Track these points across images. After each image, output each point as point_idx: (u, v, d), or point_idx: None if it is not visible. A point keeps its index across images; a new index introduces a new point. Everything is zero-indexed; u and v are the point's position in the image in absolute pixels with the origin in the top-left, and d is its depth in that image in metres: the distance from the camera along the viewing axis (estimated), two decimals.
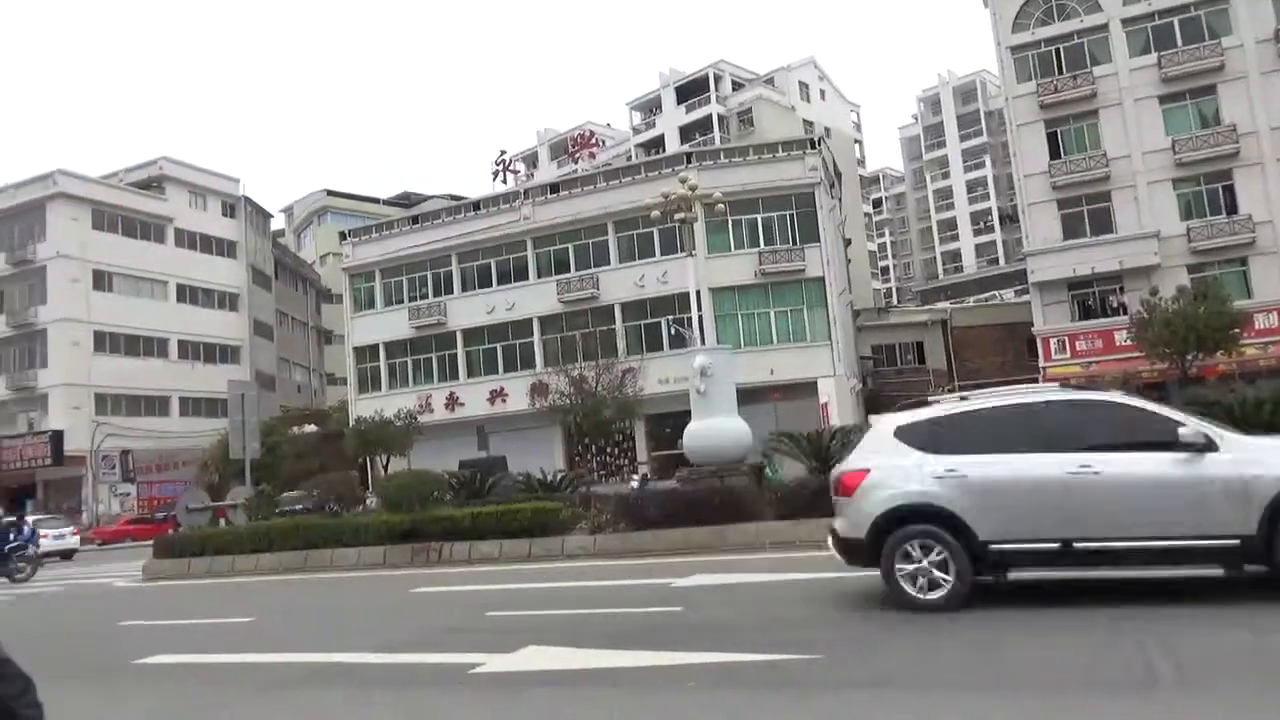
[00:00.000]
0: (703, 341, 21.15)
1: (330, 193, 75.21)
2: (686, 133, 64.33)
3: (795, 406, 32.91)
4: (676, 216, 21.62)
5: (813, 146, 38.36)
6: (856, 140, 73.83)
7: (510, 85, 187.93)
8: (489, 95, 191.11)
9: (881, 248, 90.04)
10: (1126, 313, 31.72)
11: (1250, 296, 32.41)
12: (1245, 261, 33.77)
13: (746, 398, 21.37)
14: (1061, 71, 36.80)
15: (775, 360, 35.23)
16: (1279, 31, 33.49)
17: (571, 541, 14.78)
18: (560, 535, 15.00)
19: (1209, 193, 34.79)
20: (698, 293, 23.71)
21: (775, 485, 15.43)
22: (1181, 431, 6.61)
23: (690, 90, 66.11)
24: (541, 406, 32.87)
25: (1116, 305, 35.11)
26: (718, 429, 16.83)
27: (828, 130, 58.50)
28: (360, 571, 15.69)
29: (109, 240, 49.95)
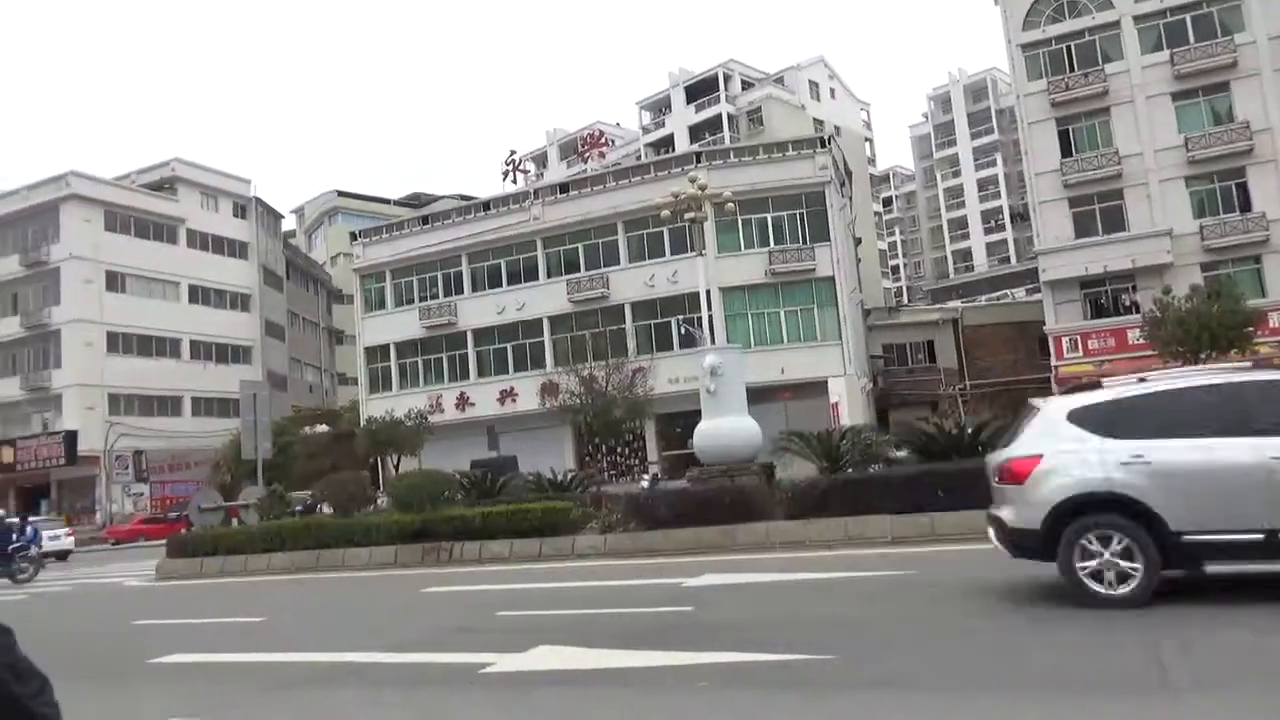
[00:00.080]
0: (713, 341, 21.12)
1: (341, 193, 75.56)
2: (696, 132, 64.23)
3: (805, 406, 32.84)
4: (686, 216, 21.62)
5: (823, 145, 38.27)
6: (867, 139, 73.58)
7: (520, 85, 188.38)
8: (499, 95, 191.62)
9: (892, 246, 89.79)
10: (1139, 311, 31.52)
11: (1264, 295, 32.15)
12: (1259, 259, 33.55)
13: (756, 397, 21.37)
14: (1073, 69, 36.59)
15: (785, 360, 35.17)
16: None
17: (582, 541, 14.77)
18: (571, 535, 14.98)
19: (1222, 190, 34.56)
20: (708, 292, 23.68)
21: (785, 485, 15.39)
22: None
23: (700, 90, 66.01)
24: (551, 406, 32.90)
25: (1129, 304, 34.89)
26: (728, 428, 16.85)
27: (838, 129, 58.23)
28: (372, 571, 15.75)
29: (121, 241, 50.29)
